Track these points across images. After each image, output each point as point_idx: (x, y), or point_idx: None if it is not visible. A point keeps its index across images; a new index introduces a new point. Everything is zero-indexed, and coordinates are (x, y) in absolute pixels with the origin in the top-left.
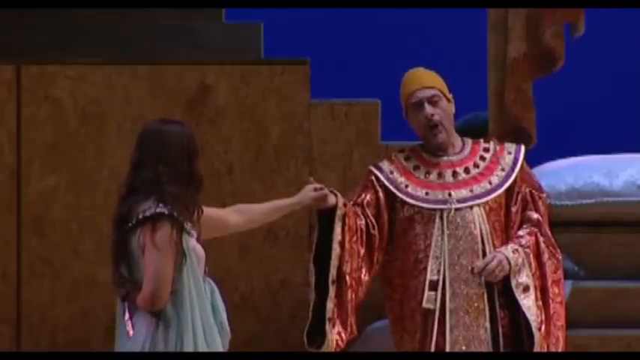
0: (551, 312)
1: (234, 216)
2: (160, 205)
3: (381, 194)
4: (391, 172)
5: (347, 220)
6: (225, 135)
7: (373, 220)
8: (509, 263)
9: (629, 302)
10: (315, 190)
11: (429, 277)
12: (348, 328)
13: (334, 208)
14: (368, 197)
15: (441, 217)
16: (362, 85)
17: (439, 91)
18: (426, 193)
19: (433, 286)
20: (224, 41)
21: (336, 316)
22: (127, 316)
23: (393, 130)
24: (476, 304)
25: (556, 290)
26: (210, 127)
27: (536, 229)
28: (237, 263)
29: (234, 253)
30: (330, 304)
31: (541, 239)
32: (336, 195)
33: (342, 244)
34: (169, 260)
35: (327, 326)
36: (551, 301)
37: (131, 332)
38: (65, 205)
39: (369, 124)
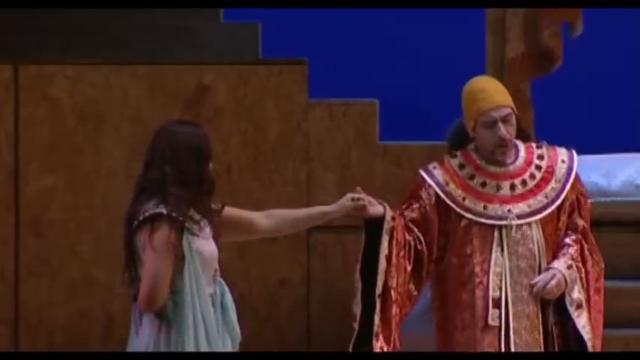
0: (592, 321)
1: (266, 220)
2: (160, 205)
3: (429, 207)
4: (447, 184)
5: (395, 234)
6: (224, 135)
7: (420, 236)
8: (566, 280)
9: (628, 302)
10: (353, 200)
11: (491, 293)
12: (392, 344)
13: (382, 220)
14: (414, 213)
15: (500, 233)
16: (360, 85)
17: (511, 109)
18: (484, 207)
19: (496, 303)
20: (222, 41)
21: (380, 330)
22: (136, 315)
23: (390, 130)
24: (533, 324)
25: (597, 298)
26: (208, 127)
27: (581, 237)
28: (235, 263)
29: (232, 253)
30: (376, 319)
31: (586, 247)
32: (384, 207)
33: (388, 259)
34: (167, 261)
35: (374, 341)
36: (592, 309)
37: (139, 332)
38: (63, 205)
39: (367, 124)
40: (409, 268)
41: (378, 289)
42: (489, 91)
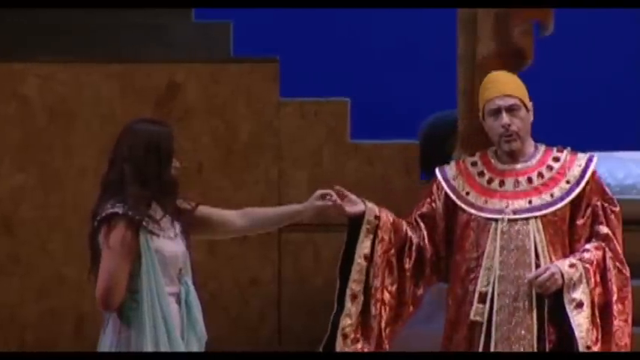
0: (614, 329)
1: (239, 219)
2: (118, 205)
3: (439, 203)
4: (454, 178)
5: (379, 232)
6: (195, 133)
7: (425, 233)
8: (563, 277)
9: None
10: (323, 196)
11: (478, 288)
12: (374, 344)
13: (361, 218)
14: (425, 208)
15: (495, 228)
16: (331, 83)
17: (519, 100)
18: (485, 202)
19: (482, 298)
20: (193, 40)
21: (359, 333)
22: (105, 314)
23: (362, 128)
24: (523, 320)
25: (620, 307)
26: (179, 126)
27: (604, 244)
28: (206, 262)
29: (202, 252)
30: (346, 321)
31: (608, 255)
32: (365, 204)
33: (369, 257)
34: (122, 260)
35: (339, 342)
36: (614, 318)
37: (105, 331)
38: (34, 203)
39: (338, 123)
40: (407, 266)
41: (350, 290)
42: (500, 82)
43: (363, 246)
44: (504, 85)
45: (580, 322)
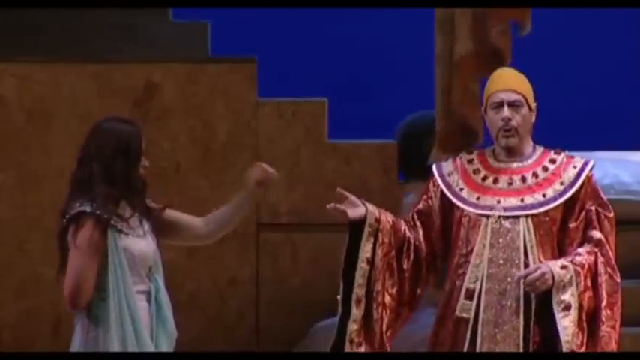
0: (601, 334)
1: (204, 227)
2: (85, 204)
3: (435, 199)
4: (450, 174)
5: (380, 235)
6: (172, 133)
7: (422, 232)
8: (554, 278)
9: None
10: (256, 167)
11: (465, 284)
12: (376, 345)
13: (363, 223)
14: (421, 205)
15: (486, 224)
16: (309, 84)
17: (523, 98)
18: (477, 198)
19: (470, 294)
20: (171, 40)
21: (362, 337)
22: (76, 314)
23: (340, 129)
24: (510, 318)
25: (609, 313)
26: (157, 126)
27: (596, 249)
28: (184, 262)
29: (181, 252)
30: (353, 326)
31: (600, 260)
32: (366, 207)
33: (371, 261)
34: (89, 259)
35: (347, 347)
36: (602, 323)
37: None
38: (12, 203)
39: (316, 123)
40: (406, 266)
41: (355, 295)
42: (506, 77)
43: (365, 250)
44: (510, 80)
45: (566, 324)
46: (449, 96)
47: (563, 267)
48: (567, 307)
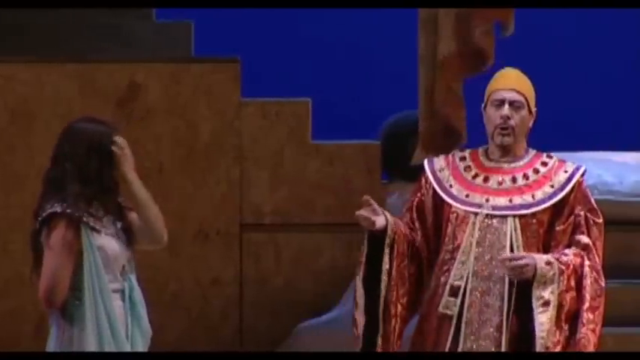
0: (579, 337)
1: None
2: (57, 204)
3: (427, 196)
4: (441, 170)
5: (396, 246)
6: (156, 133)
7: (420, 232)
8: (536, 272)
9: None
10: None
11: (450, 281)
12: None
13: (384, 233)
14: (415, 202)
15: (474, 222)
16: (293, 84)
17: (524, 100)
18: (467, 195)
19: (454, 292)
20: (154, 40)
21: (379, 347)
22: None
23: (323, 129)
24: (492, 317)
25: (590, 316)
26: (140, 126)
27: (583, 253)
28: (167, 262)
29: (164, 252)
30: (379, 340)
31: (586, 263)
32: (386, 218)
33: (389, 272)
34: (63, 259)
35: None
36: (582, 325)
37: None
38: None
39: (299, 124)
40: (412, 271)
41: (380, 306)
42: (510, 77)
43: (385, 261)
44: (514, 81)
45: (542, 320)
46: (432, 96)
47: (548, 263)
48: (546, 304)
